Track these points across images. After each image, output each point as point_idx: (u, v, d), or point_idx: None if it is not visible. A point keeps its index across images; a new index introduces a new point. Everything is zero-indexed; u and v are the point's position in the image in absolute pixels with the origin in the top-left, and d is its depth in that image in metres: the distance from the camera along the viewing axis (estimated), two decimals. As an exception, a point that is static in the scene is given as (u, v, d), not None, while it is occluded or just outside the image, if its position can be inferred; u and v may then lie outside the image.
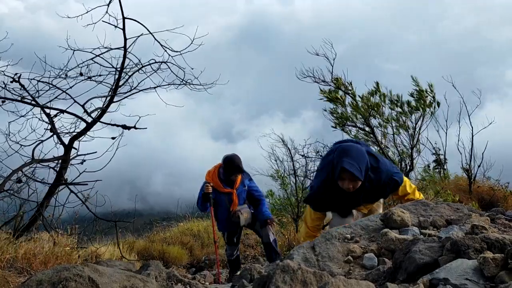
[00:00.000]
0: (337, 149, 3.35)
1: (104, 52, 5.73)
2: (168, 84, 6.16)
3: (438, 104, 8.63)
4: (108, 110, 5.86)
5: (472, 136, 8.47)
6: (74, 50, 5.67)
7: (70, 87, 5.77)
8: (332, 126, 8.95)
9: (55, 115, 5.73)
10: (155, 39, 5.75)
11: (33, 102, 5.59)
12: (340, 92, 8.91)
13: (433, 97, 8.56)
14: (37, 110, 5.68)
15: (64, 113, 5.77)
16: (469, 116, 8.56)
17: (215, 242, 6.14)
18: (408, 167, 8.68)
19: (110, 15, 5.47)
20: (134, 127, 5.80)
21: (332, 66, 9.09)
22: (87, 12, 5.49)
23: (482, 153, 8.21)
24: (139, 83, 6.04)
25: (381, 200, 3.95)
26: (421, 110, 8.56)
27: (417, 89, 8.64)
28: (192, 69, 6.05)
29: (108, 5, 5.44)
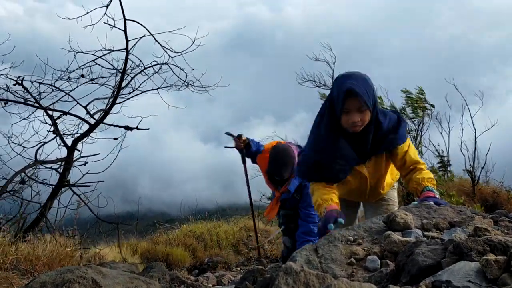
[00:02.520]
0: (335, 80, 2.74)
1: (105, 54, 5.77)
2: (171, 86, 6.19)
3: (432, 105, 8.67)
4: (110, 112, 5.89)
5: (475, 138, 8.47)
6: (76, 52, 5.70)
7: (73, 89, 5.82)
8: None
9: (58, 117, 5.76)
10: (156, 40, 5.80)
11: (36, 104, 5.62)
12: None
13: (425, 100, 8.60)
14: (39, 112, 5.72)
15: (67, 115, 5.80)
16: (471, 118, 8.57)
17: (252, 215, 5.14)
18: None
19: (108, 16, 5.50)
20: (137, 128, 5.82)
21: (333, 70, 9.16)
22: (86, 14, 5.53)
23: (486, 155, 8.20)
24: (140, 84, 6.07)
25: (395, 196, 3.32)
26: (418, 114, 8.59)
27: (409, 97, 8.69)
28: (193, 69, 6.08)
29: (107, 6, 5.47)
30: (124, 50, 5.74)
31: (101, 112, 5.84)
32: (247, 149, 4.65)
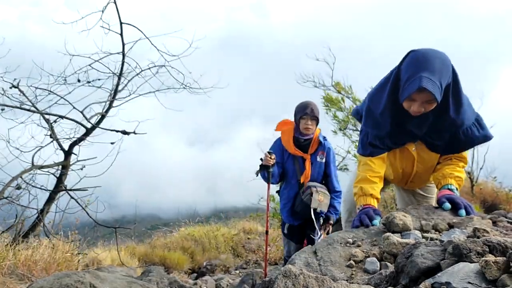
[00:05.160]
0: (410, 57, 2.33)
1: (102, 58, 5.76)
2: (168, 88, 6.19)
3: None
4: (106, 115, 5.87)
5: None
6: (72, 56, 5.69)
7: (69, 93, 5.80)
8: (333, 131, 8.95)
9: (55, 121, 5.74)
10: (152, 44, 5.80)
11: (32, 108, 5.60)
12: (339, 95, 8.96)
13: None
14: (36, 116, 5.69)
15: (64, 119, 5.78)
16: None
17: (266, 233, 4.81)
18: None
19: (103, 21, 5.52)
20: (134, 133, 5.80)
21: (332, 71, 9.12)
22: (82, 19, 5.54)
23: (484, 156, 8.22)
24: (138, 87, 6.07)
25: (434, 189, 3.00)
26: None
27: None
28: (190, 73, 6.09)
29: (102, 11, 5.49)
30: (121, 54, 5.74)
31: (98, 115, 5.83)
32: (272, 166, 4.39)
